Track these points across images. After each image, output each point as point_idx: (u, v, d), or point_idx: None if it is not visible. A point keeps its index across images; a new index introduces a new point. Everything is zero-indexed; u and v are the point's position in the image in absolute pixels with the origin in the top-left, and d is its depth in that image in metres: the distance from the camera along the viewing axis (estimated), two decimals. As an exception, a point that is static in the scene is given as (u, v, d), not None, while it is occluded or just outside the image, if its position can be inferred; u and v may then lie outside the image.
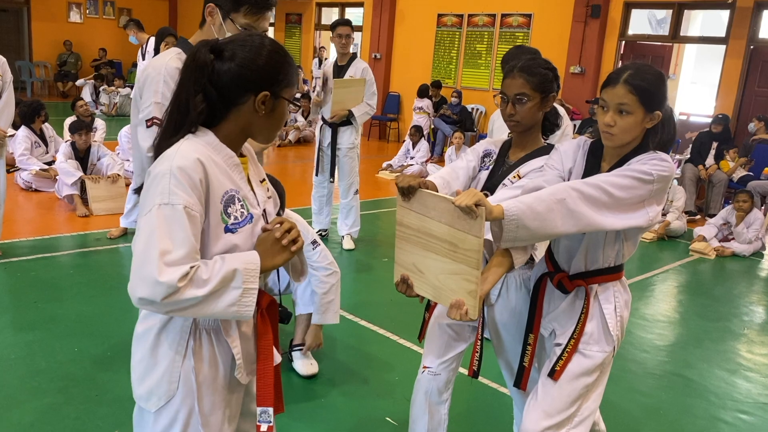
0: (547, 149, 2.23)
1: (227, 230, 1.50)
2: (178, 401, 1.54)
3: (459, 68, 12.22)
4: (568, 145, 2.12)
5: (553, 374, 2.06)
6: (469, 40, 12.04)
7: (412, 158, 9.77)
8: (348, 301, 4.36)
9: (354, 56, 5.47)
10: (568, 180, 2.04)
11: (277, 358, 1.68)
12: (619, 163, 1.95)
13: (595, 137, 2.06)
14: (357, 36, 14.13)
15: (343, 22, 5.36)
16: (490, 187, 2.29)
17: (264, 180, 1.71)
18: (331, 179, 5.52)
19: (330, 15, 14.47)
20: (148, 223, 1.39)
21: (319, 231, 5.65)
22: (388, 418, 3.06)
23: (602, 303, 2.06)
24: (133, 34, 7.19)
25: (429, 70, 12.50)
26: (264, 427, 1.61)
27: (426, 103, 11.48)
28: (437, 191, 1.97)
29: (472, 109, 11.66)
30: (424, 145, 9.87)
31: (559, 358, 2.07)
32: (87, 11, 16.94)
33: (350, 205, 5.58)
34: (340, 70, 5.43)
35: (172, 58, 2.18)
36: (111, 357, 3.42)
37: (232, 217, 1.51)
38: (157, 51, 5.54)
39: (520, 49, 3.33)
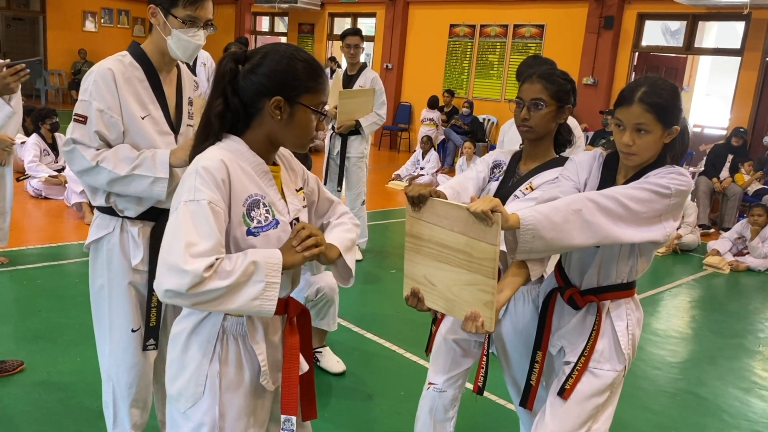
0: (560, 161, 2.19)
1: (249, 233, 1.54)
2: (205, 404, 1.58)
3: (471, 78, 12.19)
4: (584, 156, 2.07)
5: (563, 393, 1.99)
6: (481, 51, 12.01)
7: (422, 168, 9.74)
8: (354, 313, 4.31)
9: (364, 66, 5.46)
10: (584, 192, 1.98)
11: (305, 366, 1.71)
12: (635, 177, 1.90)
13: (609, 149, 2.02)
14: (369, 46, 14.16)
15: (352, 31, 5.35)
16: (500, 197, 2.22)
17: (301, 189, 1.74)
18: (339, 188, 5.48)
19: (342, 25, 14.50)
20: (175, 220, 1.45)
21: None
22: (392, 435, 3.00)
23: (614, 320, 2.00)
24: None
25: (441, 80, 12.48)
26: None
27: (435, 114, 11.46)
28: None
29: (484, 119, 11.61)
30: (434, 155, 9.83)
31: (569, 376, 2.00)
32: (102, 20, 17.09)
33: (357, 216, 5.50)
34: (349, 80, 5.42)
35: (111, 59, 2.16)
36: (113, 368, 3.38)
37: (255, 221, 1.55)
38: None
39: (536, 59, 3.30)
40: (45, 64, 16.23)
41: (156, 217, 2.23)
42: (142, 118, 2.15)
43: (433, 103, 11.52)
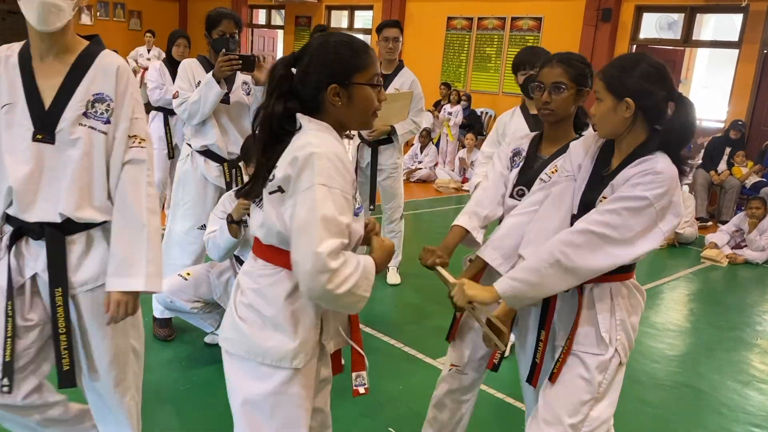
0: None
1: (355, 213, 1.66)
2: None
3: (468, 71, 12.16)
4: (581, 141, 2.11)
5: (551, 377, 2.00)
6: (479, 44, 11.98)
7: (420, 162, 9.73)
8: (353, 308, 4.30)
9: (401, 65, 4.76)
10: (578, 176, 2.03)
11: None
12: (626, 161, 1.89)
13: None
14: (366, 39, 14.11)
15: (391, 23, 4.71)
16: (525, 182, 2.30)
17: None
18: (371, 207, 4.78)
19: (339, 17, 14.45)
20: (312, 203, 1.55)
21: None
22: (390, 429, 3.00)
23: (596, 303, 1.95)
24: None
25: (438, 73, 12.45)
26: (362, 389, 1.90)
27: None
28: (463, 237, 2.34)
29: (482, 112, 11.59)
30: (432, 149, 9.82)
31: (557, 360, 2.00)
32: (98, 13, 17.00)
33: (395, 231, 4.94)
34: (384, 80, 4.62)
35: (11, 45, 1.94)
36: (112, 363, 3.38)
37: (357, 202, 1.68)
38: (169, 53, 5.51)
39: (532, 50, 3.27)
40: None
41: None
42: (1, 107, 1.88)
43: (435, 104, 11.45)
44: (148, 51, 12.53)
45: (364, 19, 14.28)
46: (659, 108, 1.88)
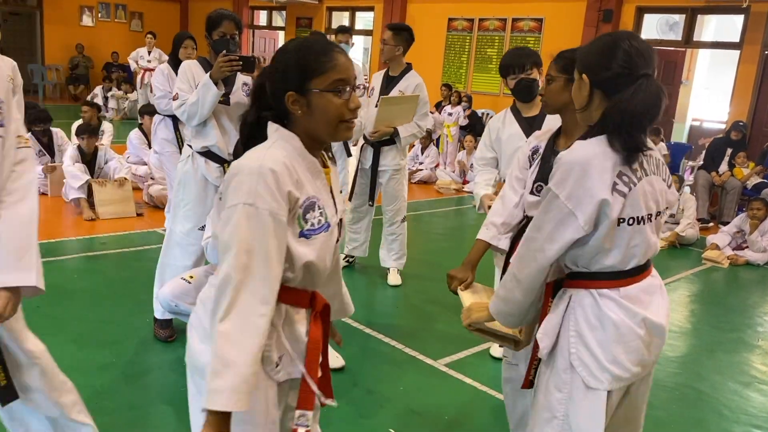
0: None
1: (302, 235, 1.54)
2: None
3: (469, 73, 12.17)
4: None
5: (524, 383, 2.02)
6: (480, 45, 11.98)
7: (421, 163, 9.72)
8: (355, 309, 4.30)
9: (408, 68, 4.81)
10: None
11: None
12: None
13: None
14: (367, 40, 14.12)
15: (389, 25, 4.78)
16: (542, 178, 2.36)
17: (342, 191, 1.74)
18: (370, 203, 4.89)
19: (340, 18, 14.46)
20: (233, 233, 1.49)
21: (347, 257, 5.17)
22: (391, 430, 2.99)
23: (553, 308, 1.82)
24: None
25: (439, 74, 12.45)
26: (301, 430, 1.60)
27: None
28: (486, 248, 2.50)
29: (482, 114, 11.59)
30: (433, 150, 9.81)
31: (530, 366, 1.98)
32: (99, 15, 17.03)
33: (396, 234, 4.93)
34: (389, 82, 4.77)
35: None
36: (114, 364, 3.38)
37: (309, 223, 1.55)
38: (175, 55, 5.41)
39: (519, 52, 3.25)
40: (42, 59, 16.17)
41: None
42: None
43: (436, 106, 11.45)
44: (149, 53, 12.53)
45: (365, 20, 14.29)
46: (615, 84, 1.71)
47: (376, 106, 4.60)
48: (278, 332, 1.58)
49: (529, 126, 3.18)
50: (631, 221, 1.69)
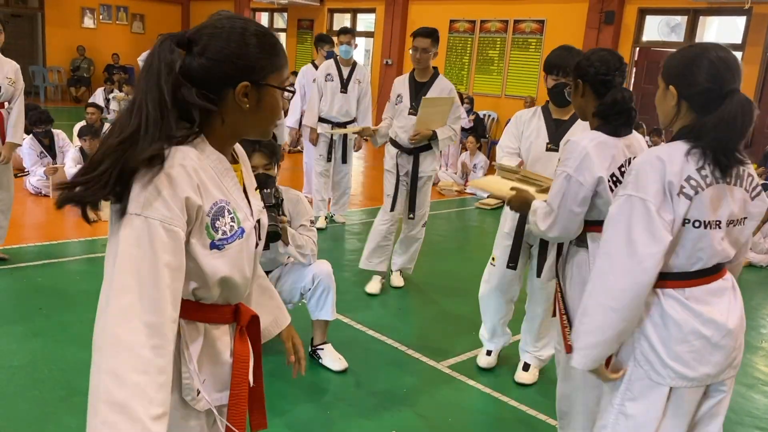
0: (604, 127, 2.51)
1: (213, 246, 1.33)
2: None
3: (471, 74, 12.17)
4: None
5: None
6: (482, 46, 11.98)
7: (422, 165, 9.70)
8: (356, 311, 4.30)
9: (436, 73, 4.65)
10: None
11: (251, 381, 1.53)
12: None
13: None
14: (369, 42, 14.12)
15: (422, 32, 4.51)
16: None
17: (258, 188, 1.56)
18: (411, 216, 4.68)
19: (342, 20, 14.48)
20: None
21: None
22: (394, 431, 2.99)
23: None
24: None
25: (441, 76, 12.44)
26: None
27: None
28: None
29: (484, 115, 11.59)
30: (435, 151, 9.79)
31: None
32: (100, 17, 17.05)
33: (416, 239, 4.80)
34: (418, 88, 4.60)
35: None
36: (114, 366, 3.37)
37: (220, 232, 1.33)
38: None
39: (568, 52, 3.18)
40: (44, 61, 16.20)
41: None
42: None
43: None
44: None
45: (366, 22, 14.30)
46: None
47: (410, 113, 4.53)
48: (195, 356, 1.39)
49: (556, 128, 3.18)
50: (697, 224, 1.74)
